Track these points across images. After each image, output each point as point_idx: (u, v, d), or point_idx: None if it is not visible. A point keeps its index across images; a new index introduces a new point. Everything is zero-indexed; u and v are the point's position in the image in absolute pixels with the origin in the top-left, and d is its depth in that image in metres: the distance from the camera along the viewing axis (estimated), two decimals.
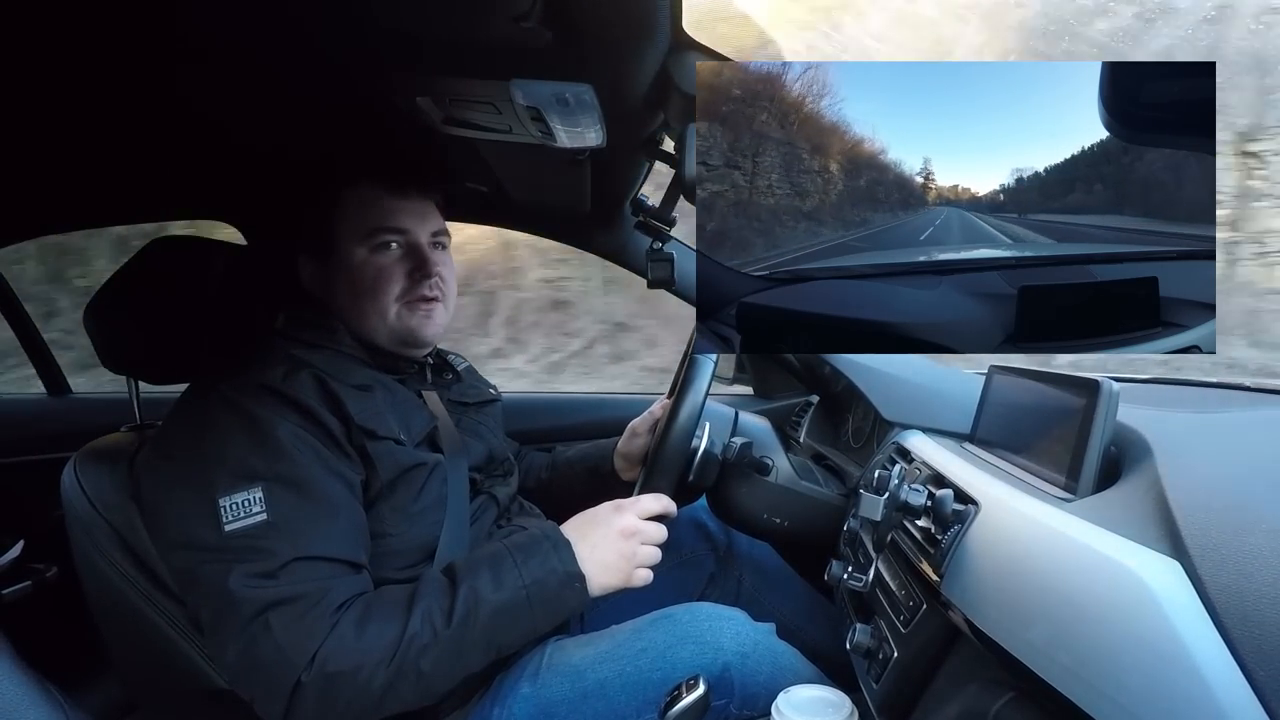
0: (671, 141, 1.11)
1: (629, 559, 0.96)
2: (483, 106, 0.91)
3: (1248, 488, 0.57)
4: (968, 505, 0.75)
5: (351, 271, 1.03)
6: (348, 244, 1.03)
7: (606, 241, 1.68)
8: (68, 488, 0.99)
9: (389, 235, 1.03)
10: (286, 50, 0.82)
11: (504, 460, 1.21)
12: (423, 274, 1.04)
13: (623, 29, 0.73)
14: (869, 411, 1.23)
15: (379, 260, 1.03)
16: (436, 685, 0.85)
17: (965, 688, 0.69)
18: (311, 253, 1.05)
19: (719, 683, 0.91)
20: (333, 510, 0.87)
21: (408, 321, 1.04)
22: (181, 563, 0.87)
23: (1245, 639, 0.43)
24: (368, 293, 1.02)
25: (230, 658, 0.81)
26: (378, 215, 1.03)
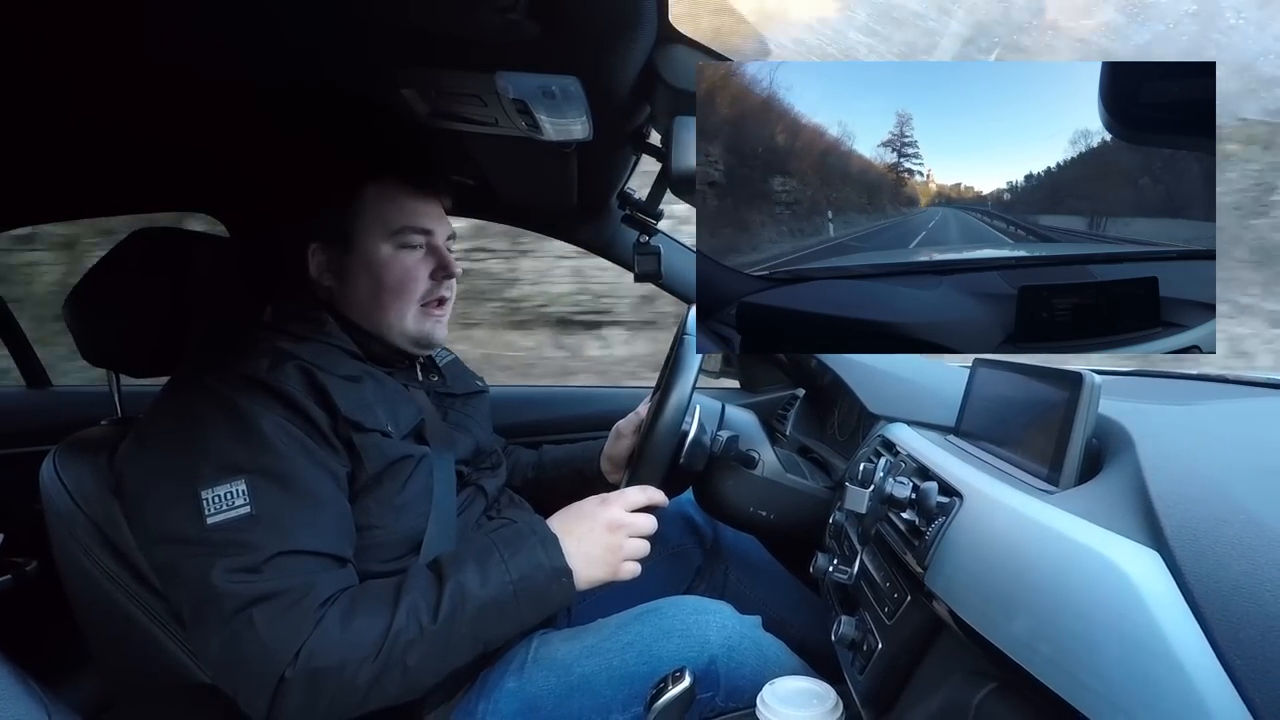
0: (658, 135, 1.11)
1: (615, 552, 0.96)
2: (468, 99, 0.91)
3: (1226, 479, 0.57)
4: (952, 498, 0.75)
5: (375, 267, 1.03)
6: (371, 239, 1.03)
7: (593, 235, 1.68)
8: (47, 482, 0.98)
9: (415, 235, 1.05)
10: (271, 43, 0.81)
11: (492, 452, 1.21)
12: (445, 274, 1.08)
13: (609, 21, 0.73)
14: (854, 405, 1.23)
15: (405, 259, 1.05)
16: (422, 680, 0.85)
17: (949, 678, 0.70)
18: (327, 242, 1.05)
19: (705, 675, 0.91)
20: (317, 503, 0.87)
21: (424, 324, 1.07)
22: (163, 556, 0.86)
23: (1223, 629, 0.44)
24: (393, 290, 1.04)
25: (213, 653, 0.81)
26: (402, 214, 1.04)
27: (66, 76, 0.89)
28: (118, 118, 1.05)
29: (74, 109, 1.00)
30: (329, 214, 1.04)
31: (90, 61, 0.85)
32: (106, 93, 0.95)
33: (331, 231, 1.04)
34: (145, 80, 0.91)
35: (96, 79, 0.90)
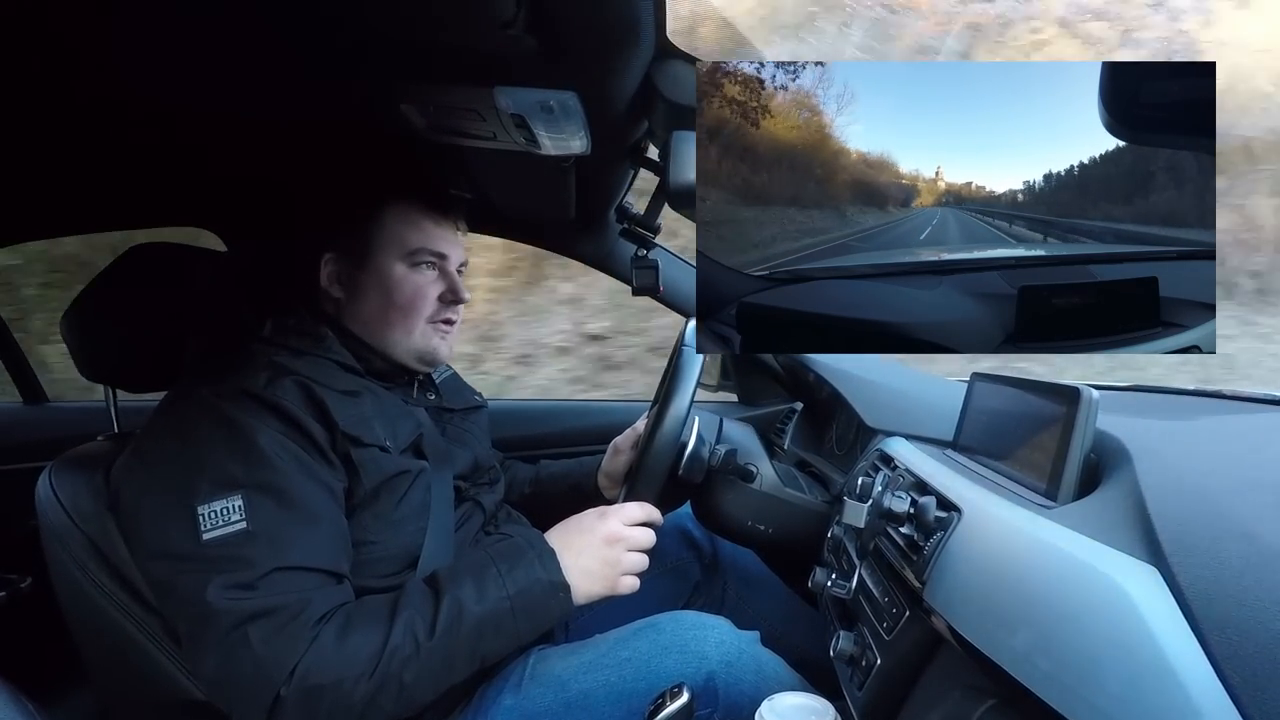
0: (656, 149, 1.12)
1: (614, 566, 0.96)
2: (467, 113, 0.91)
3: (1224, 494, 0.57)
4: (950, 512, 0.75)
5: (387, 283, 1.04)
6: (386, 257, 1.04)
7: (591, 249, 1.69)
8: (43, 498, 0.97)
9: (430, 257, 1.06)
10: (269, 57, 0.82)
11: (490, 467, 1.20)
12: (454, 299, 1.09)
13: (607, 36, 0.73)
14: (852, 418, 1.23)
15: (417, 279, 1.06)
16: (419, 696, 0.85)
17: (947, 694, 0.70)
18: (342, 253, 1.05)
19: (703, 691, 0.90)
20: (314, 519, 0.86)
21: (430, 340, 1.08)
22: (159, 572, 0.86)
23: (1221, 644, 0.44)
24: (402, 308, 1.05)
25: (208, 670, 0.80)
26: (420, 236, 1.05)
27: (70, 94, 0.90)
28: (117, 134, 1.05)
29: (76, 125, 1.01)
30: (347, 226, 1.05)
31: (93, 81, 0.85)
32: (107, 110, 0.95)
33: (347, 244, 1.05)
34: (146, 96, 0.92)
35: (98, 98, 0.90)
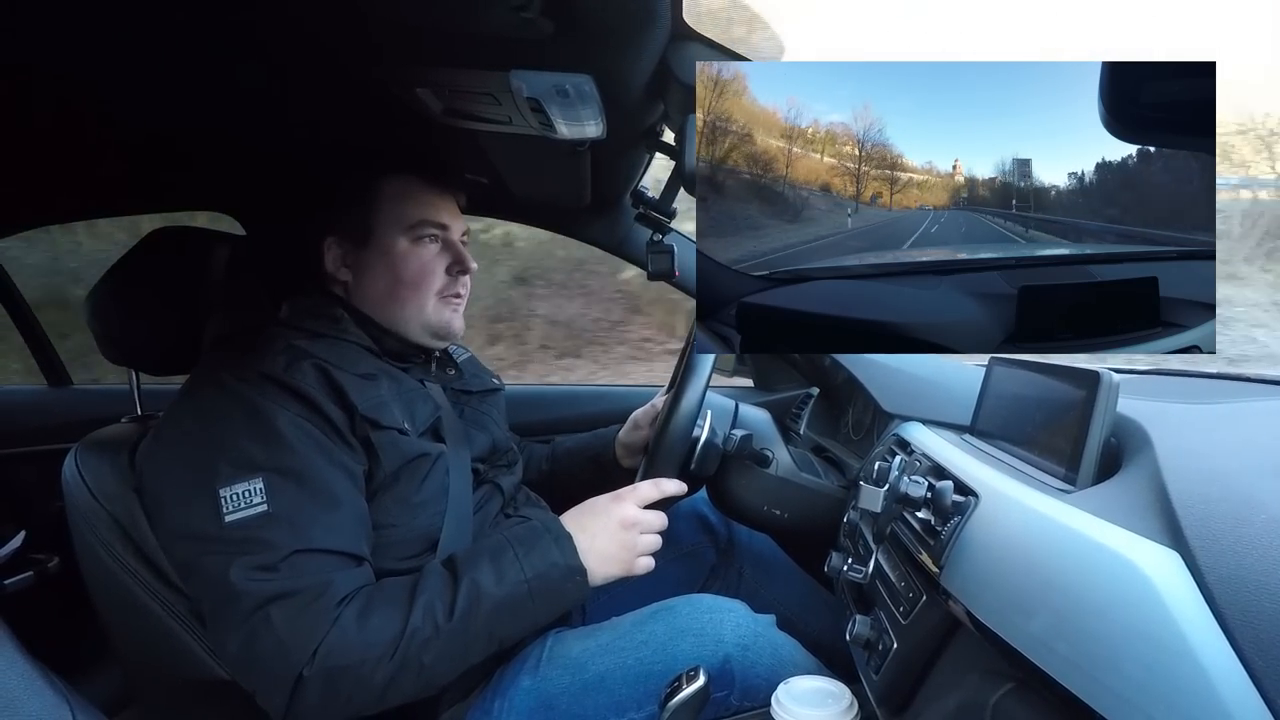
0: (671, 133, 1.11)
1: (629, 549, 0.96)
2: (482, 97, 0.91)
3: (1246, 478, 0.57)
4: (967, 497, 0.75)
5: (393, 260, 1.05)
6: (388, 232, 1.04)
7: (606, 234, 1.68)
8: (69, 479, 0.99)
9: (431, 229, 1.06)
10: (284, 41, 0.82)
11: (508, 450, 1.21)
12: (460, 269, 1.09)
13: (622, 19, 0.73)
14: (869, 403, 1.23)
15: (421, 252, 1.06)
16: (438, 678, 0.86)
17: (965, 678, 0.70)
18: (344, 236, 1.06)
19: (719, 674, 0.91)
20: (334, 502, 0.87)
21: (443, 314, 1.08)
22: (182, 554, 0.87)
23: (1243, 628, 0.43)
24: (410, 283, 1.05)
25: (231, 650, 0.82)
26: (419, 208, 1.05)
27: (87, 78, 0.90)
28: (136, 117, 1.06)
29: (93, 109, 1.01)
30: (346, 207, 1.05)
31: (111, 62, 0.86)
32: (126, 92, 0.96)
33: (348, 225, 1.05)
34: (164, 80, 0.92)
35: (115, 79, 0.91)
